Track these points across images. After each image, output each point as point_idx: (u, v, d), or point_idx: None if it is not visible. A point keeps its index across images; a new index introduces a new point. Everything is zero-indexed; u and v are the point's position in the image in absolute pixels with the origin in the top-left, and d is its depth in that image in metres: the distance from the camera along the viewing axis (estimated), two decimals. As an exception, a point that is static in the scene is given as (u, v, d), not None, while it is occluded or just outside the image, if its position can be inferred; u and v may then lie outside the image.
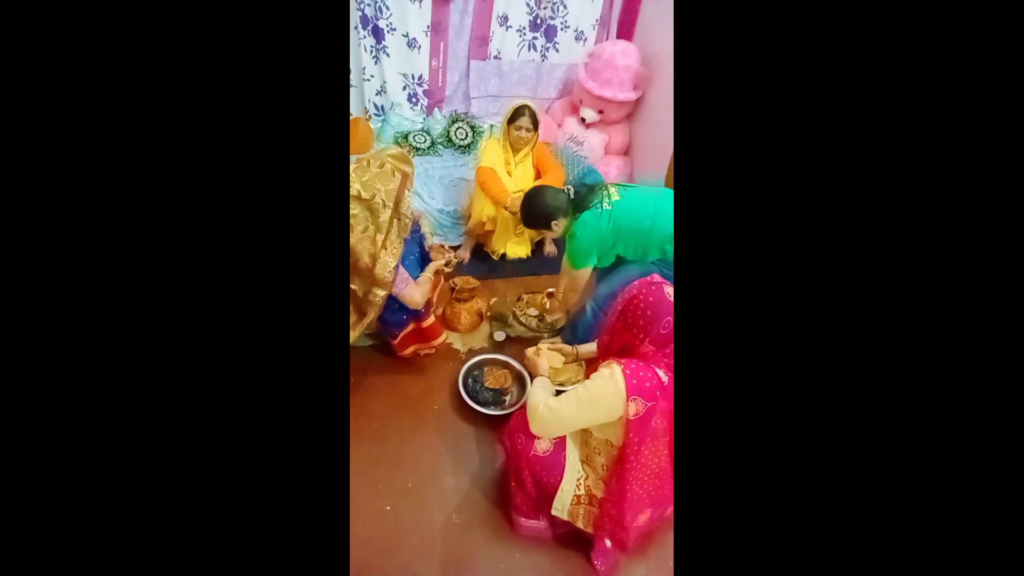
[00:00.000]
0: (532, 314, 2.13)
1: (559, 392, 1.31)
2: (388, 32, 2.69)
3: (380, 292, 1.53)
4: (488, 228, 2.38)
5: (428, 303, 1.79)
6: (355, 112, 2.90)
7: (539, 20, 2.89)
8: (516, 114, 2.26)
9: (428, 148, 2.91)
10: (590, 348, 1.65)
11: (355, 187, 1.44)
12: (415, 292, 1.65)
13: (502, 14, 2.83)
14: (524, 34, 2.92)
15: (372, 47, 2.74)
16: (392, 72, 2.81)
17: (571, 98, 3.04)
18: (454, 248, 2.41)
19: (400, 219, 1.51)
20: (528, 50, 2.98)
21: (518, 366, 1.92)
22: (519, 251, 2.41)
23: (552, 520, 1.40)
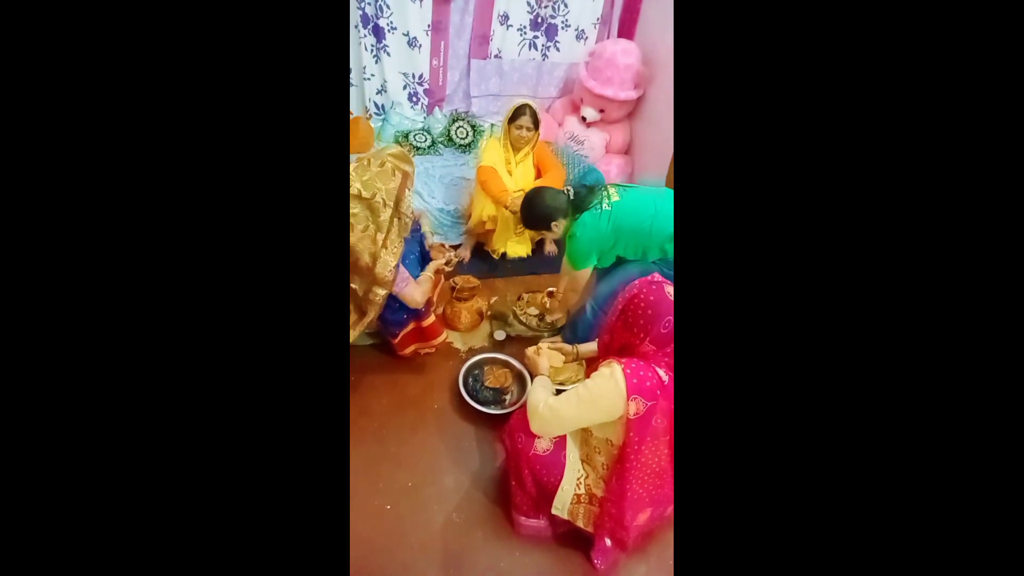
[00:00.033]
0: (532, 313, 2.13)
1: (559, 391, 1.31)
2: (388, 31, 2.69)
3: (380, 291, 1.53)
4: (488, 227, 2.38)
5: (428, 302, 1.79)
6: (355, 111, 2.90)
7: (540, 19, 2.89)
8: (517, 113, 2.25)
9: (428, 147, 2.91)
10: (590, 347, 1.65)
11: (355, 186, 1.44)
12: (415, 291, 1.65)
13: (503, 13, 2.83)
14: (525, 33, 2.92)
15: (372, 46, 2.73)
16: (392, 71, 2.81)
17: (572, 97, 3.04)
18: (454, 247, 2.41)
19: (400, 218, 1.51)
20: (529, 49, 2.97)
21: (518, 365, 1.92)
22: (519, 250, 2.41)
23: (552, 519, 1.40)
